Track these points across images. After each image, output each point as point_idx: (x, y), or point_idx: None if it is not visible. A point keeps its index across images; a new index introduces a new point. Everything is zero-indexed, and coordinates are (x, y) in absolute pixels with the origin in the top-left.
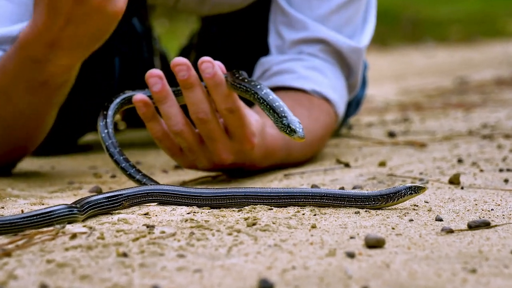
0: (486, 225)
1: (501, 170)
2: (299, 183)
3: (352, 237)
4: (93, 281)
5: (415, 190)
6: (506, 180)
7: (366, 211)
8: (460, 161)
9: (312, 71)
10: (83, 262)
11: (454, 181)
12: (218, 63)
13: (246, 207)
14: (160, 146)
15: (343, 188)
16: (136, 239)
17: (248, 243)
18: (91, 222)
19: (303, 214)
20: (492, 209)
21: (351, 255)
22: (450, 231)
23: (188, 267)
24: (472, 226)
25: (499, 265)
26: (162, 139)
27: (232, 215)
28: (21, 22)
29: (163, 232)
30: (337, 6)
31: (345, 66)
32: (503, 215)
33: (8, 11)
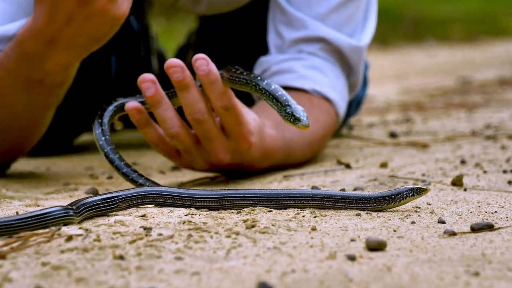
0: (490, 228)
1: (505, 172)
2: (299, 185)
3: (353, 240)
4: (89, 284)
5: (417, 192)
6: (510, 182)
7: (367, 213)
8: (463, 162)
9: (312, 71)
10: (79, 265)
11: (457, 183)
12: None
13: (245, 209)
14: (156, 150)
15: (344, 190)
16: (133, 242)
17: (247, 246)
18: (87, 224)
19: (303, 216)
20: (496, 211)
21: (352, 258)
22: (453, 234)
23: (186, 270)
24: (475, 229)
25: (503, 268)
26: (158, 143)
27: (231, 217)
28: (14, 21)
29: (161, 234)
30: (337, 5)
31: (346, 65)
32: (507, 218)
33: (1, 10)
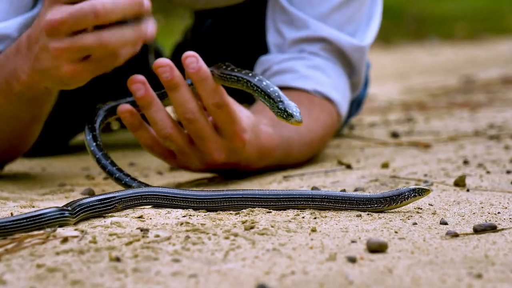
0: (493, 229)
1: (508, 172)
2: (299, 185)
3: (354, 241)
4: (85, 287)
5: (419, 193)
6: None
7: (368, 214)
8: (466, 163)
9: (314, 70)
10: (75, 267)
11: (460, 183)
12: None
13: (244, 210)
14: (151, 153)
15: (345, 190)
16: (130, 243)
17: (246, 247)
18: (83, 226)
19: (303, 217)
20: (499, 212)
21: (353, 260)
22: (455, 235)
23: (183, 272)
24: (478, 230)
25: (506, 270)
26: (153, 146)
27: (229, 218)
28: (6, 20)
29: (158, 236)
30: (339, 4)
31: (348, 65)
32: (510, 219)
33: None
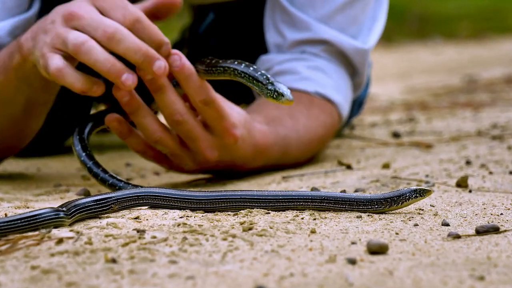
0: (495, 230)
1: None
2: (298, 186)
3: (354, 243)
4: None
5: (421, 194)
6: None
7: (369, 216)
8: (468, 163)
9: (315, 72)
10: (70, 269)
11: (462, 184)
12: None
13: (242, 211)
14: (144, 158)
15: (345, 191)
16: (126, 244)
17: (244, 249)
18: (79, 227)
19: (302, 219)
20: (502, 214)
21: (353, 262)
22: (457, 237)
23: (181, 274)
24: (480, 231)
25: (509, 272)
26: (144, 151)
27: (227, 220)
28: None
29: (154, 237)
30: (342, 5)
31: (350, 66)
32: None
33: None
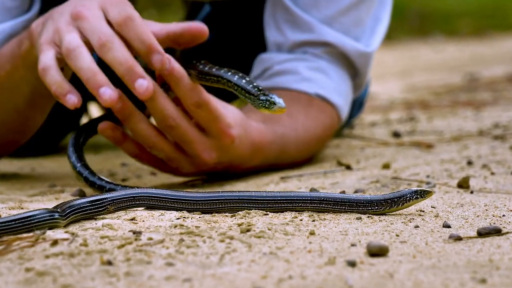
0: (497, 232)
1: None
2: (297, 187)
3: (353, 245)
4: None
5: (421, 195)
6: None
7: (369, 217)
8: (470, 164)
9: (316, 73)
10: (65, 271)
11: (463, 185)
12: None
13: (240, 212)
14: (140, 162)
15: (344, 192)
16: (122, 246)
17: (242, 251)
18: (74, 228)
19: (301, 220)
20: (504, 215)
21: (352, 264)
22: (459, 239)
23: (177, 276)
24: (482, 233)
25: (511, 275)
26: (140, 156)
27: (225, 221)
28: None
29: (151, 239)
30: (347, 7)
31: (351, 68)
32: None
33: None
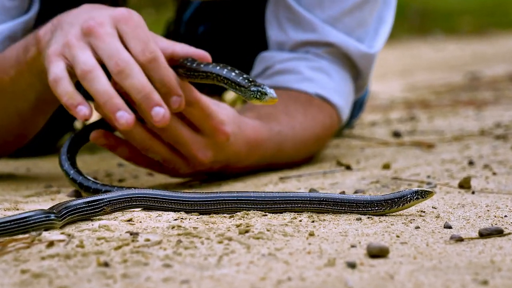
0: (499, 233)
1: None
2: (296, 187)
3: (353, 246)
4: None
5: (422, 195)
6: None
7: (369, 218)
8: (471, 164)
9: (318, 73)
10: (61, 272)
11: (464, 185)
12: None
13: (238, 213)
14: (136, 165)
15: (344, 193)
16: (119, 248)
17: (240, 252)
18: (70, 229)
19: (300, 221)
20: (506, 216)
21: (352, 265)
22: (460, 240)
23: (175, 278)
24: (484, 234)
25: None
26: (135, 159)
27: (223, 222)
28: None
29: (148, 240)
30: (351, 7)
31: (353, 69)
32: None
33: None
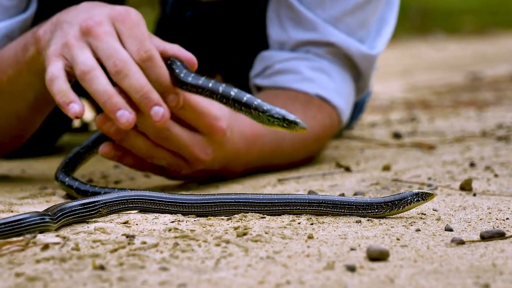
0: (501, 236)
1: None
2: (295, 189)
3: (353, 249)
4: None
5: (423, 197)
6: None
7: (368, 220)
8: (473, 165)
9: (318, 73)
10: (56, 276)
11: (466, 187)
12: None
13: (236, 215)
14: (141, 171)
15: (343, 195)
16: (115, 250)
17: (238, 255)
18: (65, 232)
19: (299, 223)
20: (507, 218)
21: (352, 269)
22: (461, 242)
23: (172, 282)
24: (485, 237)
25: None
26: (140, 165)
27: (221, 224)
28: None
29: (144, 243)
30: (352, 7)
31: (354, 70)
32: None
33: None
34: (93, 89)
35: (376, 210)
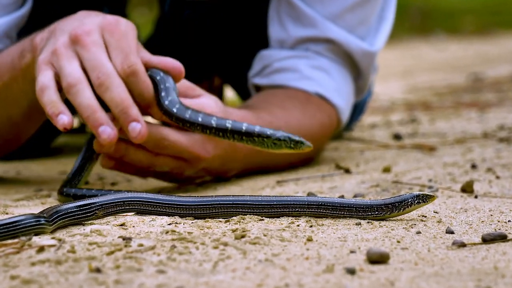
0: (503, 238)
1: None
2: (294, 191)
3: (353, 251)
4: None
5: (423, 199)
6: None
7: (368, 222)
8: (474, 167)
9: (318, 71)
10: (52, 279)
11: (467, 189)
12: None
13: (234, 218)
14: (145, 178)
15: (343, 197)
16: (111, 253)
17: (236, 258)
18: (61, 234)
19: (298, 226)
20: (509, 221)
21: (352, 272)
22: (462, 245)
23: (169, 284)
24: (487, 240)
25: None
26: (143, 173)
27: (219, 227)
28: None
29: (141, 245)
30: (352, 4)
31: (354, 68)
32: None
33: None
34: (78, 103)
35: (376, 212)
